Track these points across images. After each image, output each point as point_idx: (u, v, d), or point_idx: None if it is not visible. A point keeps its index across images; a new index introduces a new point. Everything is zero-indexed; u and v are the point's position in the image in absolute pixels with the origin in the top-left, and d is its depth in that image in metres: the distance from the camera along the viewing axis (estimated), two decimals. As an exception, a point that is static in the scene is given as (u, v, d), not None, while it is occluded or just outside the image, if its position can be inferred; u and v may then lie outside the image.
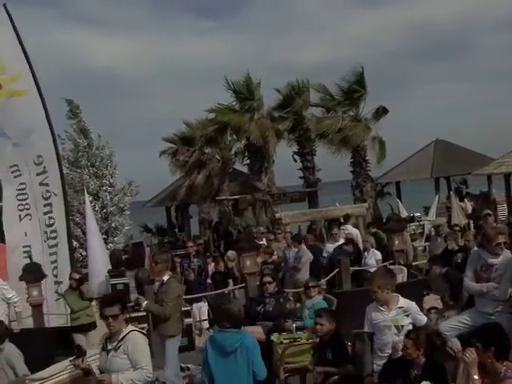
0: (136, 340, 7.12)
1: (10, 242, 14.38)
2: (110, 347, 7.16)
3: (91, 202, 26.90)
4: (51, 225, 14.14)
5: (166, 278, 9.95)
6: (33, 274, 13.25)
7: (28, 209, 14.15)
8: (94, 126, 29.23)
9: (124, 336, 7.10)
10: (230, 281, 15.57)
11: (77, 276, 12.34)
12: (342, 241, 16.59)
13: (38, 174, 14.04)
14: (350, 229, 18.28)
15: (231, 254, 16.57)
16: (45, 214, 14.09)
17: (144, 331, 7.66)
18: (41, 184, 14.07)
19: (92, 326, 12.16)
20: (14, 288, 13.10)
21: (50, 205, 14.10)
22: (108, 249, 25.94)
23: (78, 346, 7.80)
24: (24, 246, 14.14)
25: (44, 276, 13.55)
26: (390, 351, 7.58)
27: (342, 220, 20.20)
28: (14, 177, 14.20)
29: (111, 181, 28.91)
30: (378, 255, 15.85)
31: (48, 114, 14.15)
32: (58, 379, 7.92)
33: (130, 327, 7.19)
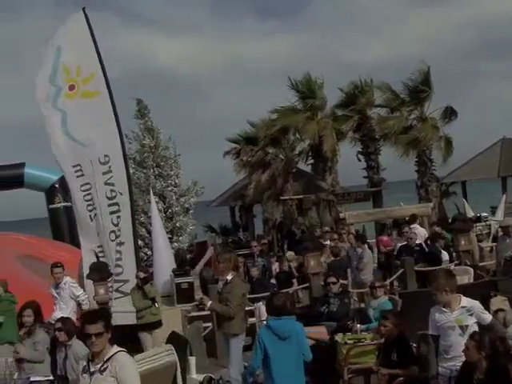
0: (124, 362, 6.52)
1: (85, 243, 14.68)
2: (93, 369, 6.43)
3: (156, 203, 27.24)
4: (117, 224, 14.32)
5: (230, 277, 9.98)
6: (99, 272, 13.47)
7: (95, 208, 14.36)
8: (161, 125, 29.55)
9: (110, 357, 6.46)
10: (295, 280, 15.54)
11: (142, 275, 12.48)
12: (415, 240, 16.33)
13: (103, 174, 14.19)
14: (417, 228, 18.07)
15: (290, 254, 16.57)
16: (111, 213, 14.26)
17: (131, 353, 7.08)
18: (105, 183, 14.22)
19: (157, 324, 12.29)
20: (88, 287, 13.41)
21: (115, 204, 14.24)
22: (173, 248, 26.20)
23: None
24: (98, 246, 14.41)
25: (110, 275, 13.75)
26: (454, 353, 7.46)
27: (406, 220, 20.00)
28: (77, 176, 14.42)
29: (176, 181, 29.17)
30: (446, 256, 15.64)
31: (117, 114, 14.34)
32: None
33: (116, 348, 6.61)
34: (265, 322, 14.02)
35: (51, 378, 9.25)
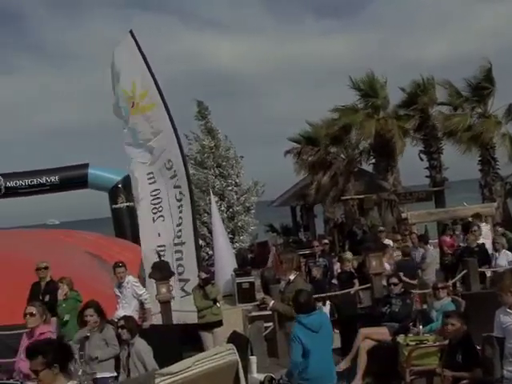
0: None
1: (144, 243, 15.02)
2: None
3: (217, 202, 27.39)
4: (179, 224, 14.60)
5: (292, 276, 9.97)
6: (161, 271, 13.60)
7: (161, 211, 14.82)
8: (220, 126, 29.72)
9: None
10: (356, 281, 15.44)
11: (203, 275, 12.54)
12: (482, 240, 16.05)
13: (171, 178, 14.72)
14: (482, 228, 17.75)
15: (348, 254, 16.47)
16: (179, 213, 14.64)
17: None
18: (174, 187, 14.68)
19: (218, 323, 12.34)
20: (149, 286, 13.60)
21: (181, 206, 14.63)
22: (234, 248, 26.33)
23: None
24: (158, 246, 14.68)
25: (172, 274, 13.88)
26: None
27: (470, 219, 19.67)
28: (149, 183, 15.02)
29: (237, 181, 29.30)
30: (510, 256, 15.35)
31: (173, 121, 14.90)
32: (186, 374, 8.08)
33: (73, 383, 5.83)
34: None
35: (115, 374, 9.37)
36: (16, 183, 27.78)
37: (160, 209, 14.85)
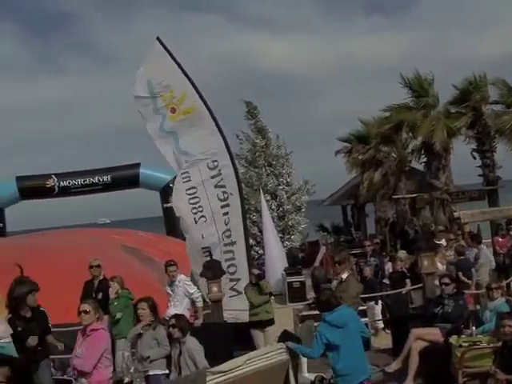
0: None
1: (190, 243, 15.04)
2: None
3: (268, 201, 27.43)
4: (227, 223, 14.59)
5: (345, 275, 9.94)
6: (212, 270, 13.65)
7: (201, 211, 14.73)
8: (270, 125, 29.78)
9: None
10: (408, 281, 15.30)
11: (256, 272, 12.58)
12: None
13: (212, 177, 14.62)
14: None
15: (402, 254, 16.34)
16: (224, 214, 14.59)
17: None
18: (216, 186, 14.61)
19: (270, 322, 12.35)
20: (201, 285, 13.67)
21: (227, 205, 14.58)
22: (284, 247, 26.35)
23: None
24: (202, 248, 14.67)
25: (223, 273, 13.92)
26: None
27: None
28: (183, 182, 14.90)
29: (288, 180, 29.33)
30: None
31: (217, 121, 14.82)
32: (237, 373, 8.11)
33: None
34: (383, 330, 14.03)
35: (167, 371, 9.44)
36: (69, 183, 28.25)
37: (200, 209, 14.76)
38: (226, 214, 14.56)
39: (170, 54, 14.94)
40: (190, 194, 14.79)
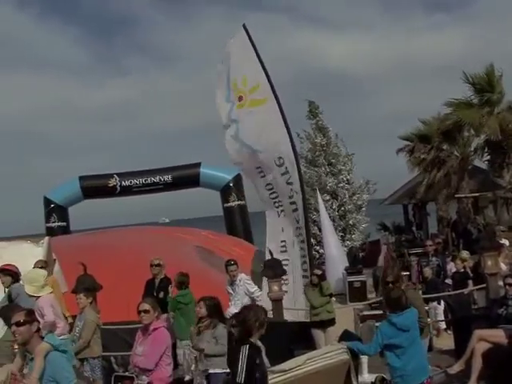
0: None
1: (269, 239, 15.18)
2: None
3: (328, 201, 27.39)
4: (298, 221, 14.67)
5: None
6: (273, 269, 13.67)
7: (281, 205, 14.90)
8: (331, 124, 29.70)
9: None
10: (470, 281, 15.08)
11: (319, 272, 12.55)
12: None
13: (282, 174, 14.74)
14: None
15: (464, 253, 16.10)
16: (293, 211, 14.68)
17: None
18: (287, 183, 14.71)
19: (331, 322, 12.30)
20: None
21: (295, 203, 14.68)
22: (345, 246, 26.25)
23: None
24: (282, 241, 14.81)
25: (284, 272, 13.92)
26: None
27: None
28: (261, 177, 15.10)
29: (348, 178, 29.21)
30: None
31: (285, 118, 14.81)
32: (297, 372, 8.11)
33: None
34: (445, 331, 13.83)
35: (228, 370, 9.49)
36: (131, 182, 28.58)
37: (280, 203, 14.95)
38: (294, 210, 14.66)
39: (252, 43, 15.11)
40: (269, 189, 15.08)
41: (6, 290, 10.35)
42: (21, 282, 9.93)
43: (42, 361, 6.26)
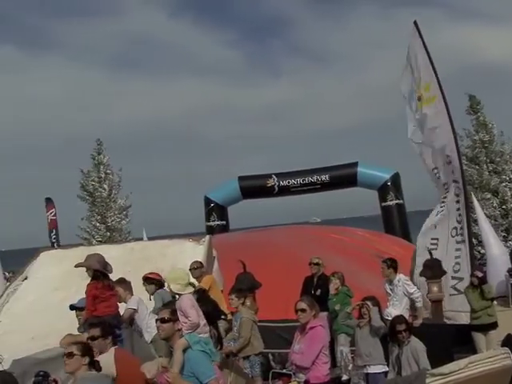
0: None
1: (421, 239, 15.04)
2: None
3: (489, 199, 26.60)
4: (460, 221, 14.35)
5: None
6: (432, 269, 13.44)
7: (443, 206, 14.81)
8: (493, 121, 28.78)
9: None
10: None
11: (480, 274, 12.24)
12: None
13: (451, 173, 14.53)
14: None
15: None
16: (456, 210, 14.41)
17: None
18: (453, 181, 14.48)
19: (493, 325, 11.96)
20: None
21: (459, 202, 14.40)
22: (507, 247, 25.35)
23: None
24: (432, 239, 14.61)
25: (444, 272, 13.65)
26: None
27: None
28: (438, 178, 15.02)
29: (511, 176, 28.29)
30: None
31: (450, 115, 14.58)
32: (458, 376, 7.96)
33: None
34: None
35: (386, 369, 9.46)
36: (289, 182, 28.86)
37: (444, 204, 14.77)
38: (458, 209, 14.38)
39: (422, 40, 15.03)
40: (445, 190, 14.92)
41: (151, 297, 10.64)
42: (165, 287, 10.18)
43: (179, 355, 6.63)
